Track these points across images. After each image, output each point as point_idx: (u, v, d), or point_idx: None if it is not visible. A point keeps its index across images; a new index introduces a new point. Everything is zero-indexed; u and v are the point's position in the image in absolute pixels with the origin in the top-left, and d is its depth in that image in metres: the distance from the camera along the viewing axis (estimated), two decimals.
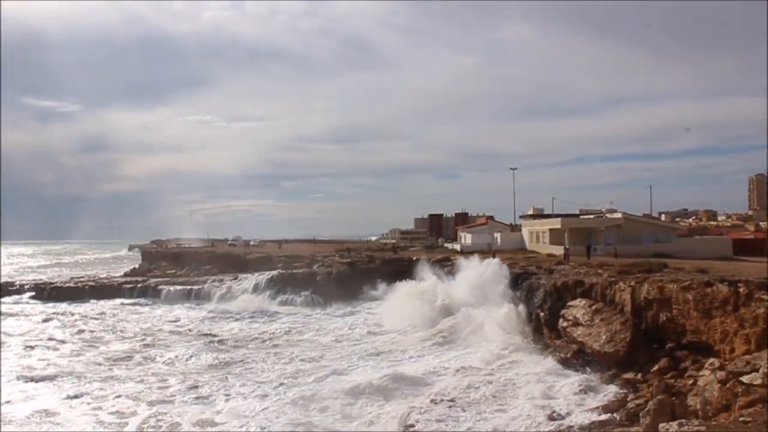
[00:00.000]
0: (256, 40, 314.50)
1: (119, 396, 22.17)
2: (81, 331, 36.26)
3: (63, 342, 33.01)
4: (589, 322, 23.48)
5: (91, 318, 42.19)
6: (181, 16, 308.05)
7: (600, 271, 29.66)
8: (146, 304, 49.33)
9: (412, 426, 17.00)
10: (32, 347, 31.28)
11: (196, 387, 22.97)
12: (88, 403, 21.34)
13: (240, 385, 23.13)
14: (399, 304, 37.14)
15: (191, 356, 28.81)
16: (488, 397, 19.24)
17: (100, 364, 27.62)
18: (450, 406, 18.37)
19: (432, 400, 19.17)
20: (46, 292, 54.26)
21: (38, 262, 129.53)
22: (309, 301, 46.51)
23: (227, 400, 21.10)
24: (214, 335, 35.51)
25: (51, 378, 24.86)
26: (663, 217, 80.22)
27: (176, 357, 28.78)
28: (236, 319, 41.74)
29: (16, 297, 53.33)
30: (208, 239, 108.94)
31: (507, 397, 19.20)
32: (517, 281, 32.22)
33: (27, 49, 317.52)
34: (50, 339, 33.79)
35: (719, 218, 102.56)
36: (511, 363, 23.78)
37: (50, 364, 27.58)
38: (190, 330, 37.59)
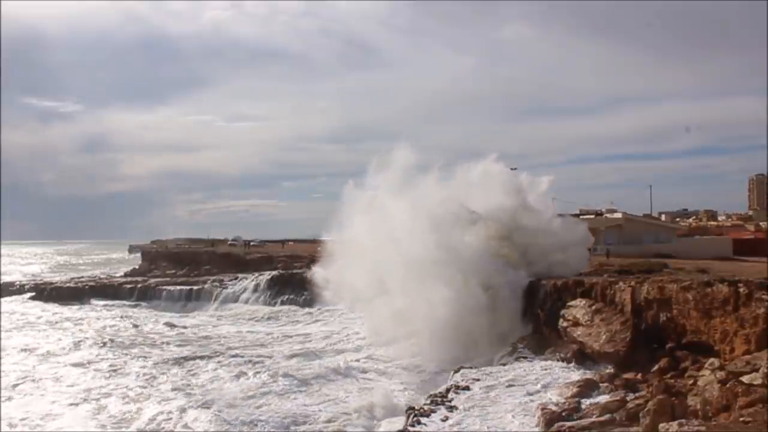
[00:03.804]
0: (256, 40, 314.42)
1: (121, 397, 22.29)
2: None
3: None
4: (589, 322, 23.47)
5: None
6: (181, 16, 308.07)
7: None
8: (146, 307, 49.31)
9: (412, 426, 17.01)
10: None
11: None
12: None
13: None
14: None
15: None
16: (487, 398, 19.22)
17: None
18: (449, 407, 18.37)
19: (432, 401, 19.22)
20: (46, 293, 54.28)
21: (61, 260, 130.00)
22: (308, 302, 46.51)
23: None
24: (210, 338, 35.58)
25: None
26: (663, 217, 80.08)
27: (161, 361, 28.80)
28: (233, 323, 41.71)
29: (16, 297, 53.46)
30: (209, 239, 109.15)
31: (506, 398, 19.18)
32: None
33: (27, 49, 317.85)
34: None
35: (719, 218, 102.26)
36: (511, 363, 23.77)
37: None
38: (187, 334, 37.61)
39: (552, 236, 29.37)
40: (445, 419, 17.43)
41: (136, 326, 39.01)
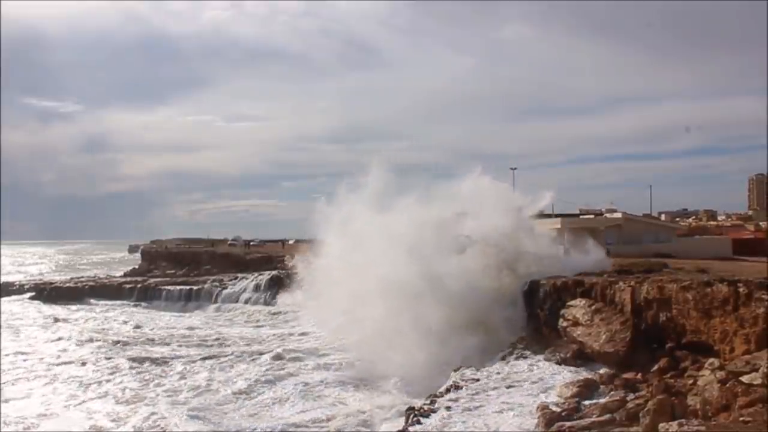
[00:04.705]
0: (256, 40, 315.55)
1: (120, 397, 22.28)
2: None
3: None
4: (588, 322, 23.44)
5: None
6: (181, 16, 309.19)
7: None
8: (146, 307, 49.24)
9: (412, 426, 16.99)
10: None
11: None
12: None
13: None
14: None
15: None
16: (487, 398, 19.19)
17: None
18: (448, 407, 18.34)
19: (431, 401, 19.20)
20: (46, 293, 54.29)
21: (63, 260, 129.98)
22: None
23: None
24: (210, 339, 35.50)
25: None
26: (663, 217, 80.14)
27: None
28: (233, 323, 41.62)
29: (16, 297, 53.47)
30: (209, 239, 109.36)
31: (506, 398, 19.15)
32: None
33: (27, 49, 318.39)
34: None
35: (719, 218, 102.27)
36: (510, 363, 23.73)
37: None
38: (186, 334, 37.54)
39: (562, 263, 26.78)
40: (444, 419, 17.39)
41: (135, 326, 38.97)
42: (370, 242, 26.17)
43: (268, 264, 59.21)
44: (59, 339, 34.02)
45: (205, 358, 28.46)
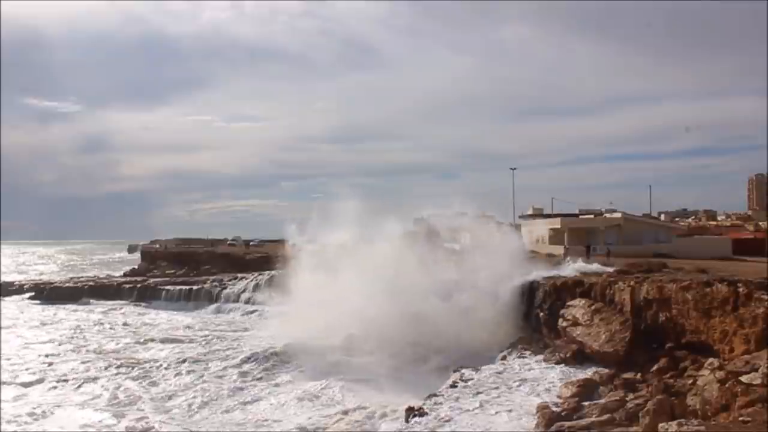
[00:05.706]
0: (256, 40, 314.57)
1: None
2: None
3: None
4: (588, 322, 23.46)
5: None
6: (181, 16, 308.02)
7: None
8: (146, 307, 49.16)
9: (411, 426, 16.98)
10: None
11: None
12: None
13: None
14: None
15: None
16: (487, 398, 19.19)
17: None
18: (447, 407, 18.34)
19: (431, 400, 19.18)
20: (45, 293, 54.31)
21: (66, 260, 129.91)
22: None
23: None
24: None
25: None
26: (662, 217, 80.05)
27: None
28: (232, 323, 41.57)
29: (15, 297, 53.51)
30: (208, 239, 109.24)
31: (506, 397, 19.16)
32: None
33: (27, 49, 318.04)
34: None
35: (719, 218, 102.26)
36: (510, 363, 23.73)
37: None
38: (186, 334, 37.51)
39: None
40: (443, 419, 17.39)
41: (133, 327, 38.92)
42: (345, 274, 24.78)
43: (268, 264, 59.07)
44: (56, 340, 33.99)
45: (203, 359, 28.42)
